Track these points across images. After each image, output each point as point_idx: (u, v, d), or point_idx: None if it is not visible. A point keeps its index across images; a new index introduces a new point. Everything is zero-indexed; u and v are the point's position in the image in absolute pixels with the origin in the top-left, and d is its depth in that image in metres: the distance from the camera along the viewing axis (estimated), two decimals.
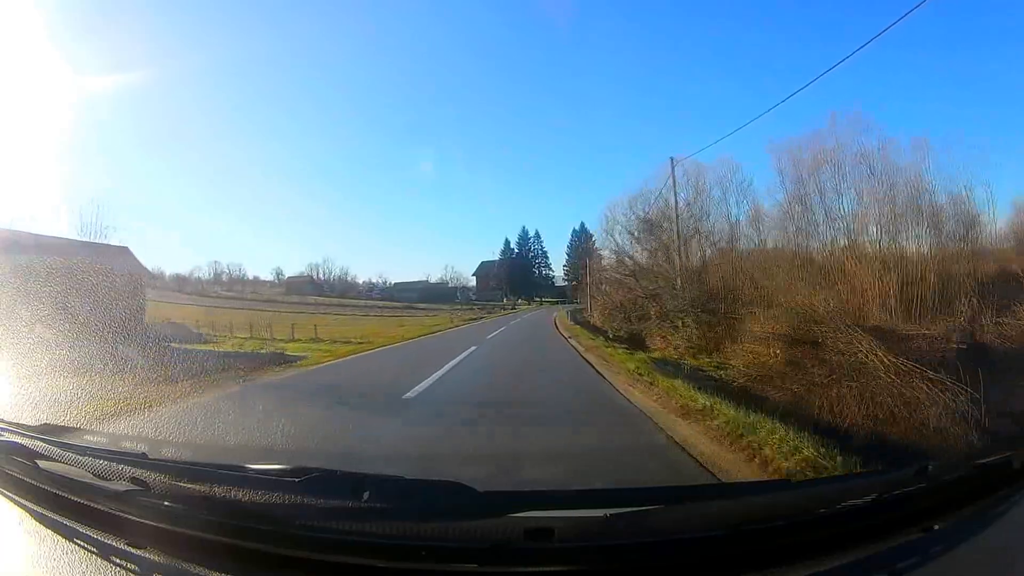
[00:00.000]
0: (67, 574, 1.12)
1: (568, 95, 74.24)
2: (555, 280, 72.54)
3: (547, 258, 74.98)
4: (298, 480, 1.18)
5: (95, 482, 1.28)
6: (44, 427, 1.85)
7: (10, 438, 1.50)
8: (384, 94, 71.26)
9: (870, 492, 1.18)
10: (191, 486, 1.20)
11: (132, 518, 1.18)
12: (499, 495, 1.24)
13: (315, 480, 1.18)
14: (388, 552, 1.05)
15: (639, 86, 65.38)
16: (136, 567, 1.12)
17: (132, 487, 1.21)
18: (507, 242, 74.43)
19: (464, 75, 72.73)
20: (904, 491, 1.21)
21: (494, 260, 71.99)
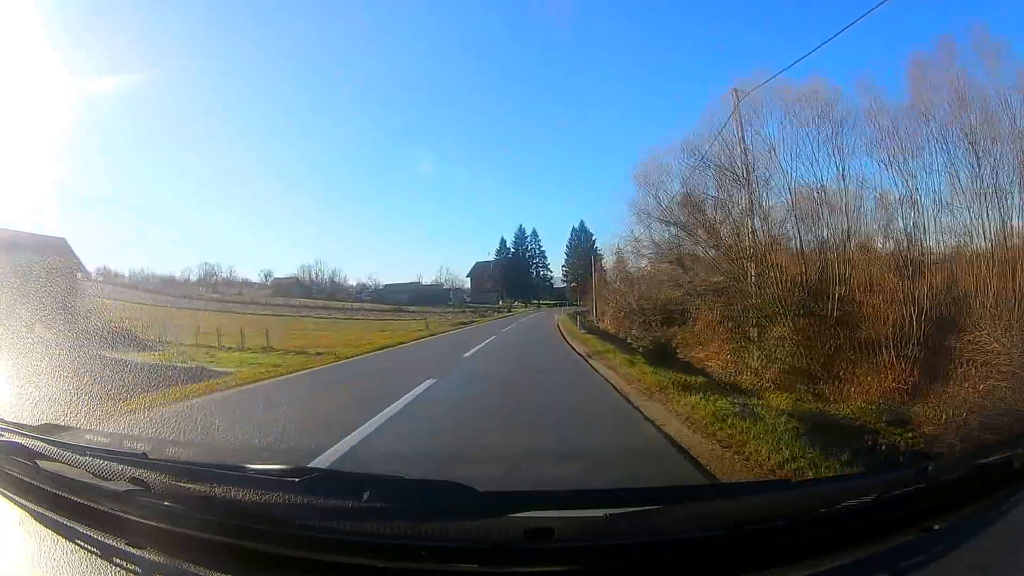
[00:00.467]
0: (67, 574, 1.12)
1: (567, 95, 74.28)
2: (553, 281, 69.25)
3: (545, 258, 70.49)
4: (298, 480, 1.18)
5: (95, 482, 1.28)
6: (44, 427, 1.85)
7: (10, 438, 1.50)
8: (381, 94, 70.66)
9: (870, 492, 1.18)
10: (191, 486, 1.20)
11: (132, 518, 1.18)
12: (499, 495, 1.24)
13: (315, 480, 1.18)
14: (388, 552, 1.05)
15: (639, 86, 65.30)
16: (136, 567, 1.12)
17: (132, 487, 1.21)
18: (503, 241, 69.27)
19: (461, 74, 72.58)
20: (904, 491, 1.21)
21: (489, 261, 67.38)
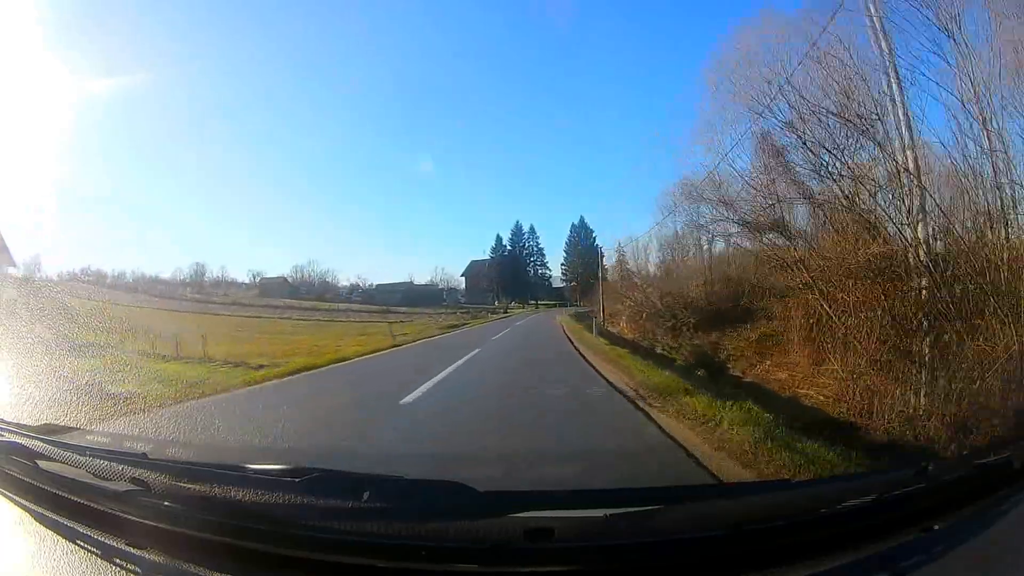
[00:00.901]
0: (67, 574, 1.12)
1: (567, 95, 73.82)
2: (552, 280, 66.24)
3: (543, 256, 66.01)
4: (298, 480, 1.18)
5: (95, 482, 1.27)
6: (44, 427, 1.86)
7: (10, 438, 1.51)
8: (379, 93, 70.12)
9: (870, 492, 1.18)
10: (191, 486, 1.20)
11: (132, 518, 1.18)
12: (499, 495, 1.24)
13: (315, 480, 1.18)
14: (388, 552, 1.05)
15: (639, 86, 65.07)
16: (136, 567, 1.12)
17: (132, 487, 1.21)
18: (499, 239, 64.32)
19: (457, 73, 71.94)
20: (904, 491, 1.21)
21: (485, 259, 63.19)
